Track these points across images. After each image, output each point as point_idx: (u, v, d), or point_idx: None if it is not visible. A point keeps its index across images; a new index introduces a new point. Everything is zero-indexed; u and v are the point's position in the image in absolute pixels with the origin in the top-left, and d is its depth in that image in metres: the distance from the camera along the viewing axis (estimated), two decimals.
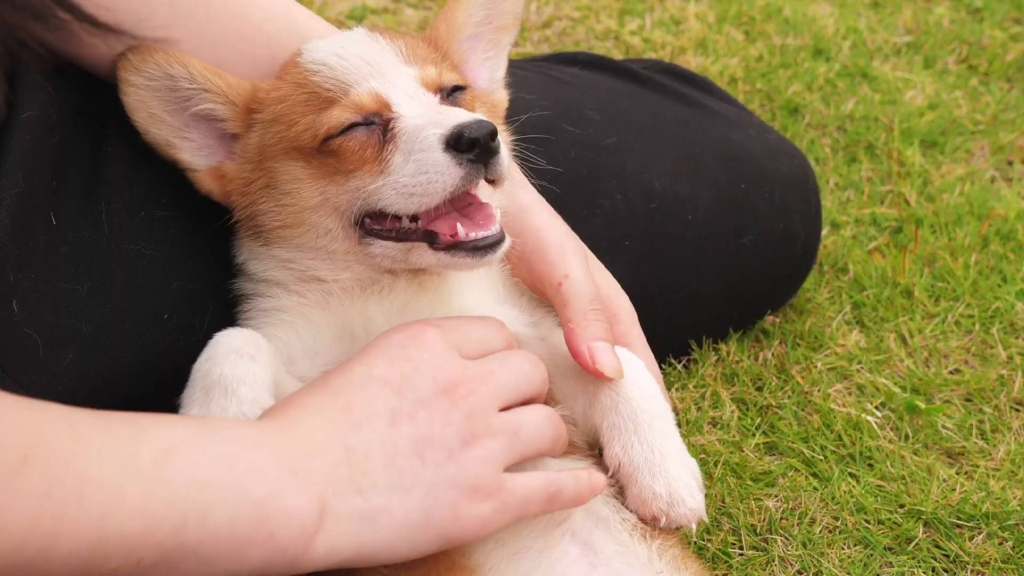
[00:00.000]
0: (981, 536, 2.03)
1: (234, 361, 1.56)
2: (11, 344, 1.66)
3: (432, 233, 1.64)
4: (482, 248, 1.63)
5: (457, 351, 1.58)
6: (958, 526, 2.04)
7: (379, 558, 1.49)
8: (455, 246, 1.63)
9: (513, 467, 1.56)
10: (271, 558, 1.42)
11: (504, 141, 1.66)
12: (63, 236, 1.72)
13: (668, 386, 2.29)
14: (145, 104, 1.72)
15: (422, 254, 1.65)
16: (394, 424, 1.50)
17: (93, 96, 1.81)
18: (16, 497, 1.26)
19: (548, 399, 1.70)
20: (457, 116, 1.61)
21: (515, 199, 1.81)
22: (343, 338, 1.70)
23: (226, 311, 1.81)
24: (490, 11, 1.88)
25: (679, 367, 2.35)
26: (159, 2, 1.71)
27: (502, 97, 1.94)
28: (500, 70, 1.94)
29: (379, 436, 1.49)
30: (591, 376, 1.70)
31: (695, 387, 2.32)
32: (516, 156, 1.85)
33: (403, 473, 1.48)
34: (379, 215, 1.67)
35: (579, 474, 1.60)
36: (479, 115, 1.64)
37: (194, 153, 1.75)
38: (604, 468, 1.67)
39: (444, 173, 1.58)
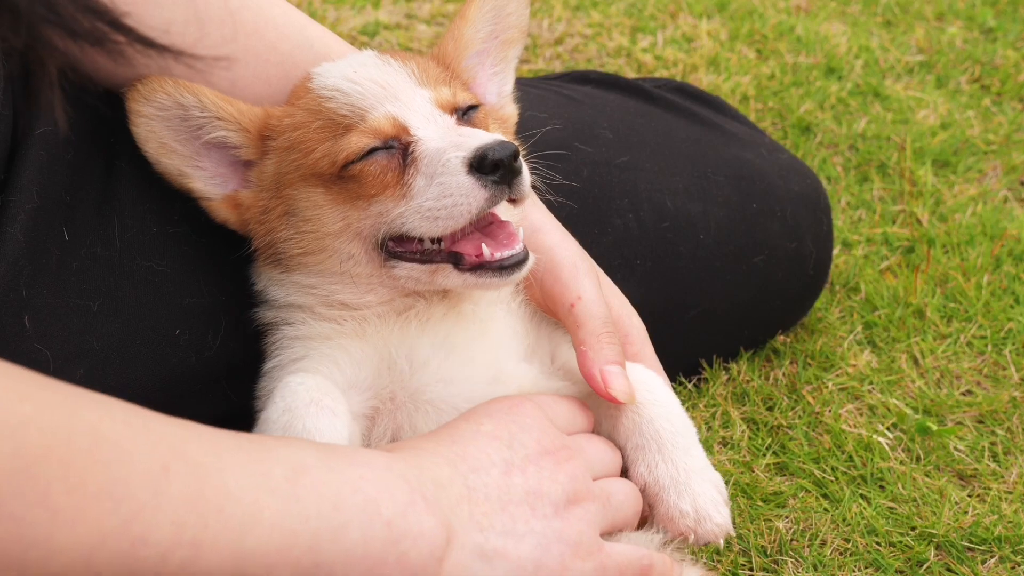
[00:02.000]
0: (993, 560, 2.01)
1: (315, 414, 1.56)
2: (22, 360, 1.65)
3: (457, 254, 1.64)
4: (508, 267, 1.64)
5: (552, 423, 1.65)
6: (970, 549, 2.03)
7: None
8: (480, 266, 1.63)
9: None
10: None
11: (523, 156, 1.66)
12: (75, 252, 1.72)
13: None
14: (156, 134, 1.71)
15: (447, 275, 1.66)
16: (507, 474, 1.55)
17: (108, 112, 1.81)
18: (159, 506, 1.27)
19: None
20: (478, 137, 1.61)
21: (528, 218, 1.81)
22: (382, 370, 1.69)
23: (238, 328, 1.81)
24: (496, 26, 1.88)
25: (689, 386, 2.35)
26: (183, 22, 1.71)
27: (511, 111, 1.95)
28: (508, 84, 1.94)
29: (495, 482, 1.53)
30: None
31: (705, 406, 2.31)
32: (530, 174, 1.85)
33: (516, 520, 1.52)
34: (402, 238, 1.67)
35: (666, 558, 1.65)
36: (499, 136, 1.64)
37: (207, 182, 1.75)
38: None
39: (469, 196, 1.58)
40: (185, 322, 1.79)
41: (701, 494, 1.66)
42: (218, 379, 1.83)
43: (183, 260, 1.80)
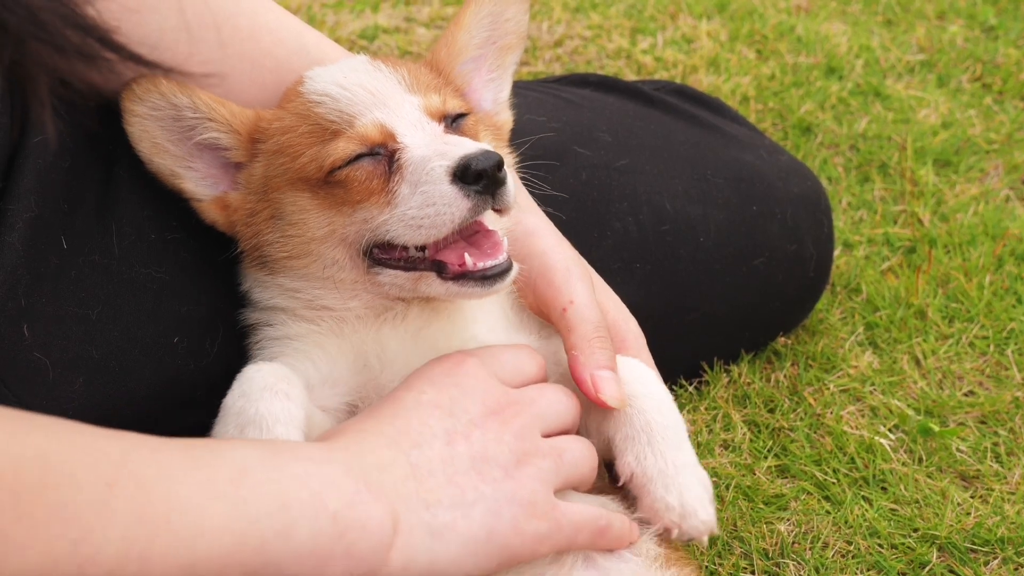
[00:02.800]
0: (996, 561, 2.01)
1: (269, 399, 1.56)
2: (21, 368, 1.67)
3: (440, 263, 1.65)
4: (490, 277, 1.64)
5: (496, 378, 1.63)
6: (973, 551, 2.02)
7: None
8: (463, 275, 1.64)
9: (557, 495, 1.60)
10: (351, 572, 1.44)
11: (510, 165, 1.66)
12: (74, 260, 1.73)
13: (679, 408, 2.27)
14: (149, 134, 1.72)
15: (431, 283, 1.66)
16: (451, 443, 1.54)
17: (106, 120, 1.81)
18: (107, 524, 1.28)
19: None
20: (463, 147, 1.61)
21: (521, 222, 1.81)
22: (357, 367, 1.70)
23: (237, 335, 1.81)
24: (493, 32, 1.88)
25: (690, 389, 2.34)
26: (173, 30, 1.72)
27: (506, 119, 1.94)
28: (504, 91, 1.93)
29: (439, 455, 1.53)
30: None
31: (706, 409, 2.31)
32: (526, 178, 1.84)
33: (464, 490, 1.52)
34: (387, 245, 1.67)
35: (624, 517, 1.64)
36: (484, 145, 1.64)
37: (198, 183, 1.76)
38: (628, 505, 1.68)
39: (451, 205, 1.58)
40: (183, 330, 1.80)
41: (688, 489, 1.65)
42: (216, 386, 1.82)
43: (181, 267, 1.81)
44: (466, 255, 1.63)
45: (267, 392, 1.57)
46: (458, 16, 1.86)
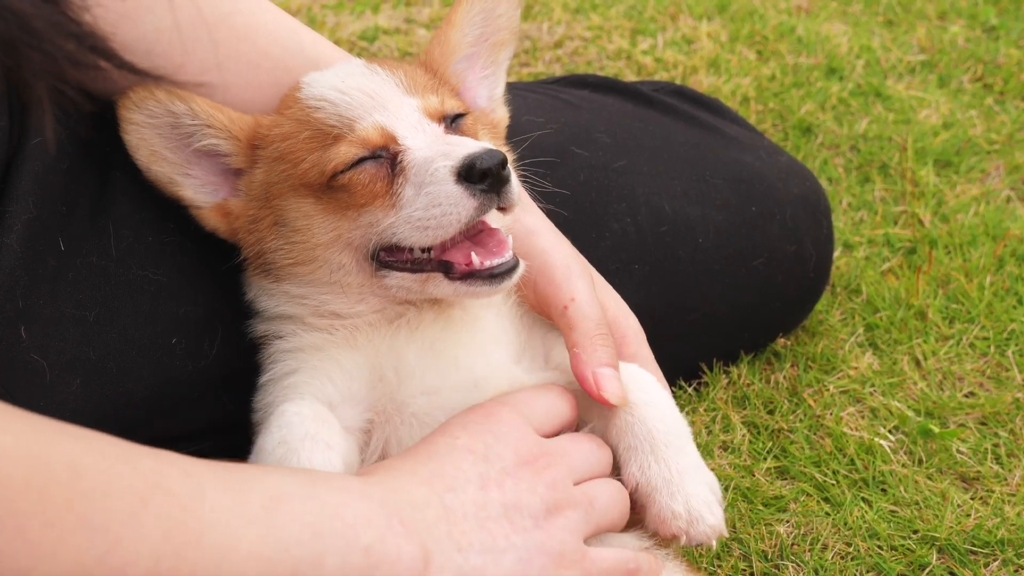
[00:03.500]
0: (996, 563, 2.00)
1: (311, 449, 1.55)
2: (18, 370, 1.67)
3: (447, 263, 1.64)
4: (498, 275, 1.64)
5: (531, 426, 1.63)
6: (973, 553, 2.02)
7: None
8: (471, 275, 1.63)
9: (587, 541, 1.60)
10: None
11: (511, 163, 1.65)
12: (71, 262, 1.72)
13: (679, 409, 2.27)
14: (147, 142, 1.71)
15: (438, 284, 1.65)
16: (484, 489, 1.53)
17: (103, 122, 1.81)
18: (137, 538, 1.27)
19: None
20: (466, 146, 1.61)
21: (521, 221, 1.81)
22: (373, 380, 1.69)
23: (234, 337, 1.81)
24: (485, 28, 1.87)
25: (689, 390, 2.34)
26: (165, 31, 1.71)
27: (502, 115, 1.93)
28: (499, 88, 1.93)
29: (472, 499, 1.52)
30: None
31: (706, 410, 2.30)
32: (524, 179, 1.84)
33: (495, 537, 1.51)
34: (393, 248, 1.66)
35: (651, 558, 1.64)
36: (487, 144, 1.64)
37: (197, 190, 1.75)
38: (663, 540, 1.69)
39: (458, 205, 1.58)
40: (181, 331, 1.79)
41: (694, 495, 1.64)
42: (214, 387, 1.83)
43: (179, 269, 1.80)
44: (473, 254, 1.63)
45: (308, 441, 1.55)
46: (450, 15, 1.86)
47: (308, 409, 1.60)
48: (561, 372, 1.78)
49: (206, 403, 1.83)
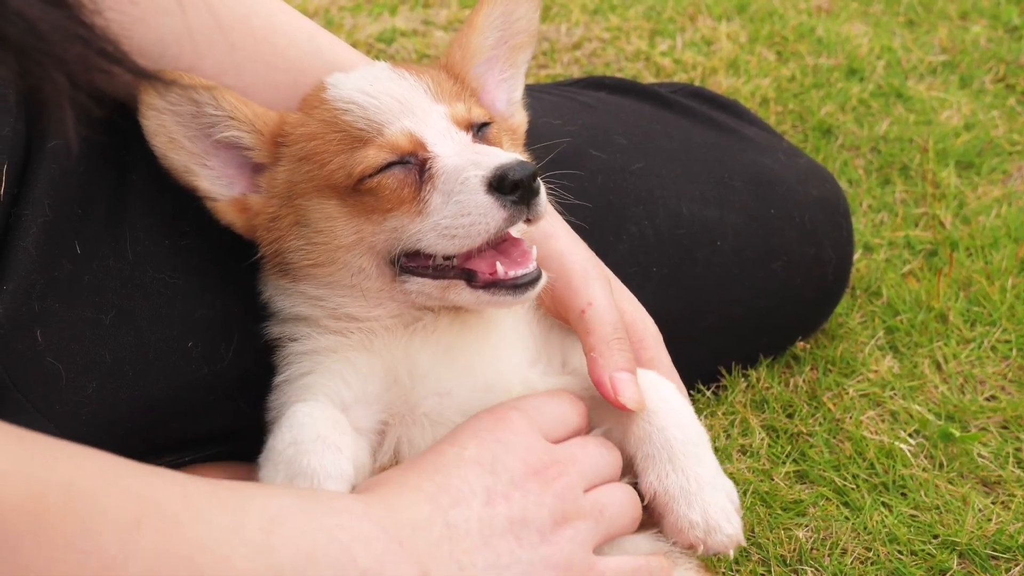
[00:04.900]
0: (1018, 568, 1.98)
1: (321, 451, 1.54)
2: (35, 373, 1.67)
3: (470, 271, 1.64)
4: (521, 285, 1.63)
5: (541, 432, 1.62)
6: (994, 558, 2.00)
7: None
8: (494, 284, 1.63)
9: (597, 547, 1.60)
10: None
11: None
12: (87, 265, 1.73)
13: (697, 413, 2.24)
14: (165, 128, 1.71)
15: (460, 292, 1.65)
16: (490, 503, 1.52)
17: (119, 124, 1.81)
18: (130, 557, 1.28)
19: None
20: (497, 156, 1.61)
21: (538, 225, 1.80)
22: (388, 383, 1.69)
23: (250, 340, 1.81)
24: (504, 32, 1.87)
25: (708, 394, 2.33)
26: (179, 34, 1.72)
27: (521, 120, 1.93)
28: (518, 91, 1.93)
29: (476, 514, 1.51)
30: None
31: (724, 414, 2.29)
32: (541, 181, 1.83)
33: (500, 553, 1.50)
34: (414, 254, 1.66)
35: (661, 560, 1.63)
36: (517, 155, 1.64)
37: (214, 182, 1.74)
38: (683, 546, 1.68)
39: (487, 215, 1.58)
40: (197, 334, 1.79)
41: (712, 504, 1.63)
42: (230, 390, 1.83)
43: (195, 272, 1.80)
44: (498, 264, 1.62)
45: (319, 443, 1.55)
46: (470, 18, 1.85)
47: (320, 411, 1.60)
48: (578, 377, 1.77)
49: (221, 406, 1.83)
